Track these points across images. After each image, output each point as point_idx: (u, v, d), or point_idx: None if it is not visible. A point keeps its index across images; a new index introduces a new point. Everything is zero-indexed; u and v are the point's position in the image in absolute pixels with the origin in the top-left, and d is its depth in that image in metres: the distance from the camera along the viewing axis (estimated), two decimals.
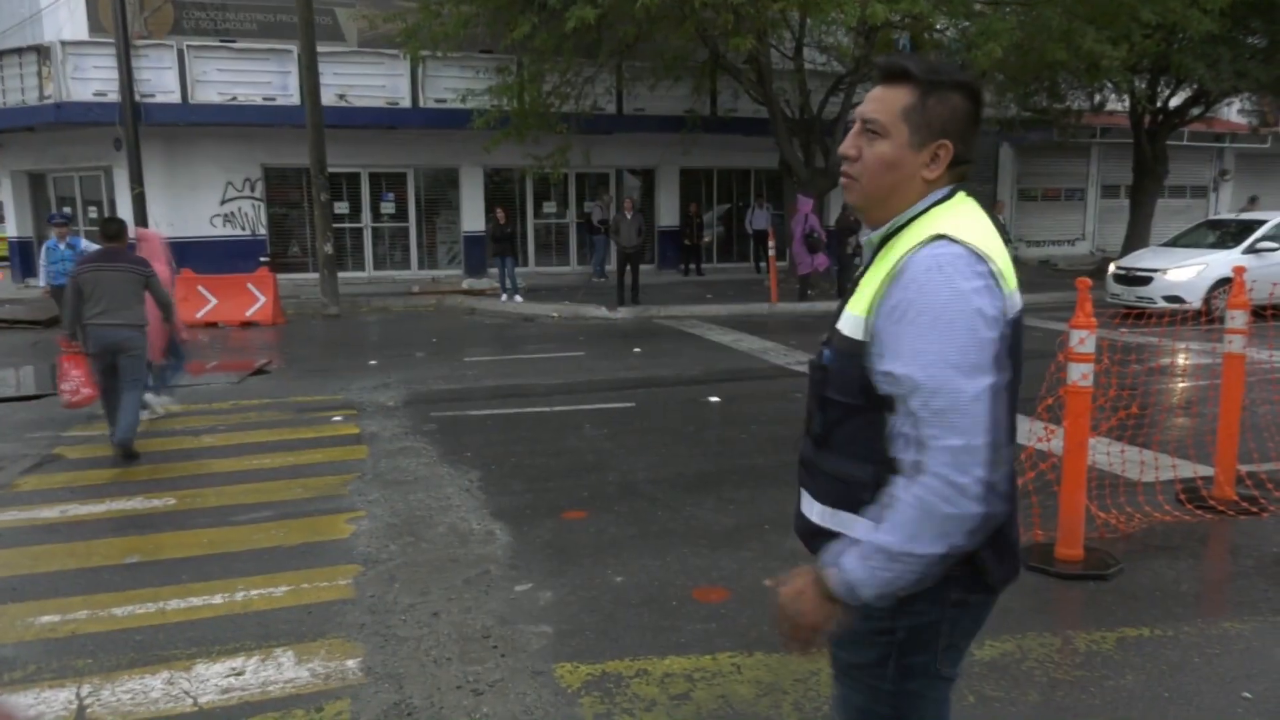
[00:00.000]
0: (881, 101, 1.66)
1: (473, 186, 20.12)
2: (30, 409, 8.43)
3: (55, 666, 3.53)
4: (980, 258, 1.54)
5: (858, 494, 1.60)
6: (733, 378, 9.40)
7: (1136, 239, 19.24)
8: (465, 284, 18.75)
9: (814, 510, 1.72)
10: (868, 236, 1.74)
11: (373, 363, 10.57)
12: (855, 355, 1.59)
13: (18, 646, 3.71)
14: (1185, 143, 23.40)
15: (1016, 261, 1.83)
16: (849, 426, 1.63)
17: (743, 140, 20.16)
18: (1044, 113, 19.83)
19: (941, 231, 1.56)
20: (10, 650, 3.67)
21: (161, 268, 7.64)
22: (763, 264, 20.09)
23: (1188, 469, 5.72)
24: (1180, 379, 9.36)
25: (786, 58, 17.43)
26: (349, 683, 3.36)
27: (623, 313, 14.73)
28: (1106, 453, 5.82)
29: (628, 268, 15.37)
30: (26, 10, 18.39)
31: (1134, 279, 13.81)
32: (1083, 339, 4.24)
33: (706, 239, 21.49)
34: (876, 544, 1.49)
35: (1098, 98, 19.98)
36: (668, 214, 21.63)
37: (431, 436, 7.04)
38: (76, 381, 6.75)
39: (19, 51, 17.26)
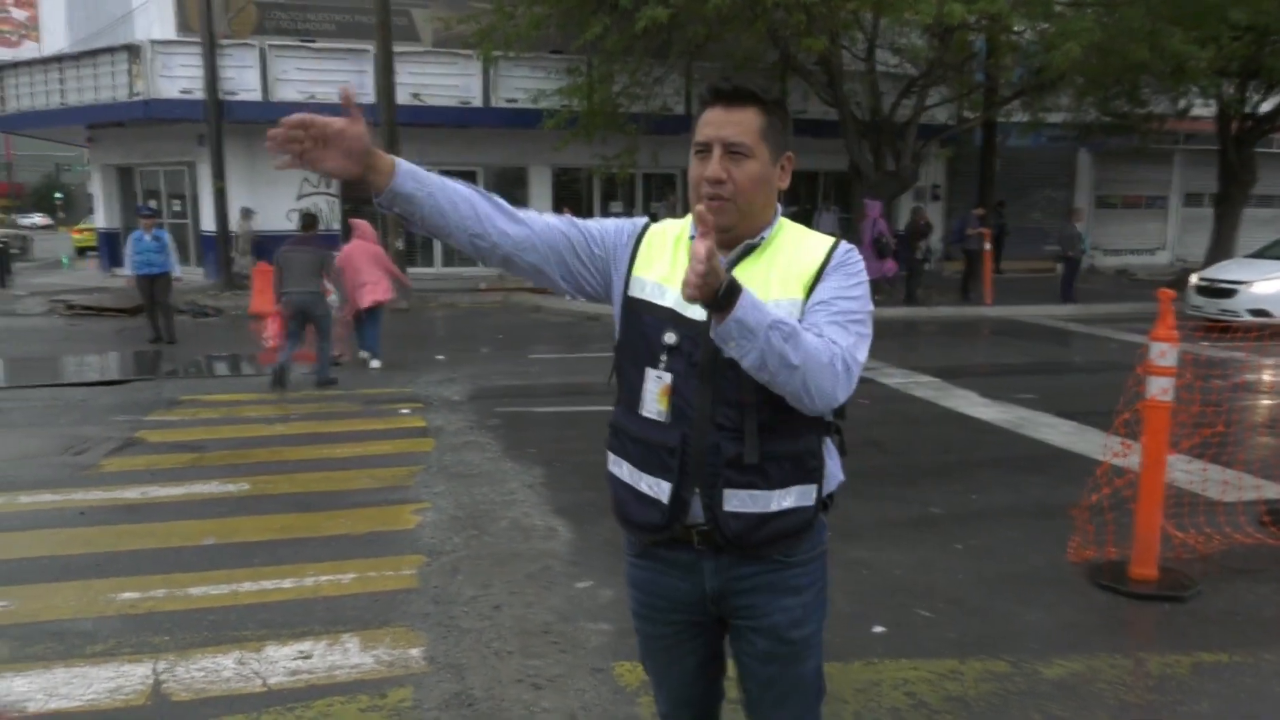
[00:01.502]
0: (740, 125, 1.77)
1: (541, 185, 20.31)
2: (115, 393, 8.75)
3: (134, 642, 3.66)
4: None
5: (808, 463, 1.78)
6: None
7: (1220, 250, 18.56)
8: (531, 282, 18.91)
9: (765, 500, 1.75)
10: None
11: (440, 357, 10.74)
12: None
13: (100, 621, 3.85)
14: (1275, 150, 22.51)
15: (1092, 270, 1.90)
16: (788, 412, 1.71)
17: (811, 142, 19.93)
18: (1124, 118, 19.25)
19: (836, 235, 1.89)
20: (93, 625, 3.82)
21: (374, 247, 10.15)
22: None
23: (1272, 490, 5.51)
24: (1265, 396, 9.01)
25: (858, 59, 17.23)
26: (412, 671, 3.43)
27: None
28: (1186, 470, 5.63)
29: None
30: (119, 11, 19.12)
31: (1217, 291, 13.32)
32: (1164, 352, 4.11)
33: None
34: (786, 322, 1.60)
35: (1182, 102, 19.31)
36: None
37: (496, 432, 7.13)
38: (272, 334, 9.39)
39: (111, 50, 17.96)
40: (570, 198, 19.78)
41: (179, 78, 17.46)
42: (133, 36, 18.14)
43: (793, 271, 1.77)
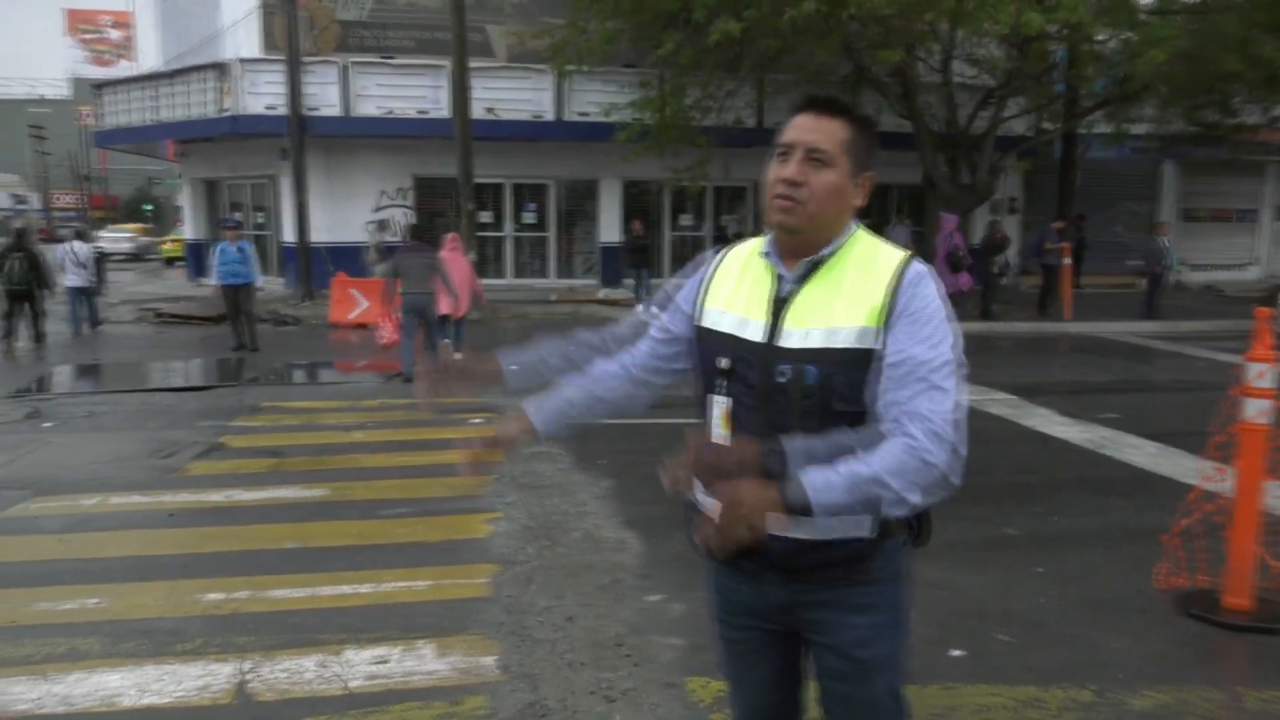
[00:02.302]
0: (826, 133, 1.78)
1: (611, 198, 20.45)
2: (200, 399, 9.06)
3: (219, 642, 3.78)
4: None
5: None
6: None
7: None
8: (601, 293, 19.06)
9: (815, 528, 1.70)
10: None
11: (512, 367, 10.83)
12: (862, 363, 1.68)
13: (187, 620, 3.99)
14: None
15: (1178, 286, 1.87)
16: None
17: (883, 155, 19.28)
18: (1213, 128, 18.58)
19: (908, 252, 1.78)
20: (181, 624, 3.95)
21: (463, 259, 11.48)
22: None
23: None
24: None
25: (934, 71, 16.99)
26: (486, 679, 3.46)
27: None
28: None
29: None
30: (209, 31, 19.88)
31: None
32: (1262, 373, 3.95)
33: None
34: (856, 470, 1.59)
35: (1276, 112, 18.58)
36: None
37: (565, 443, 7.17)
38: (387, 330, 10.47)
39: (201, 69, 18.67)
40: (640, 210, 19.87)
41: (264, 94, 18.06)
42: (221, 55, 18.84)
43: (860, 296, 1.72)
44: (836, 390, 1.70)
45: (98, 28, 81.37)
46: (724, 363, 1.81)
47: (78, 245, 14.65)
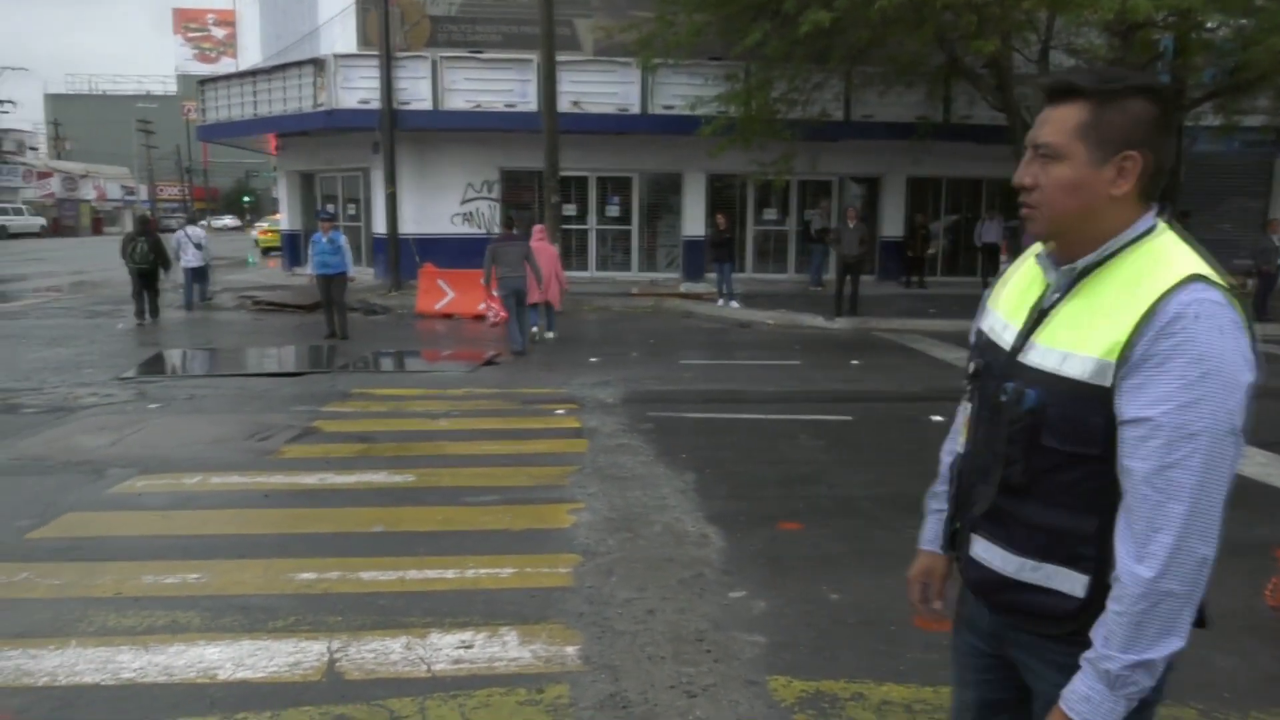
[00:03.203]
0: (1054, 123, 1.56)
1: (695, 192, 20.39)
2: (294, 384, 9.35)
3: (311, 620, 3.88)
4: (1235, 307, 1.45)
5: (1075, 547, 1.52)
6: (958, 397, 8.93)
7: None
8: (683, 287, 19.02)
9: (1007, 562, 1.61)
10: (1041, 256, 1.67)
11: (593, 360, 10.93)
12: (1091, 401, 1.47)
13: (281, 598, 4.11)
14: None
15: None
16: (1068, 475, 1.52)
17: (976, 149, 19.22)
18: None
19: (1194, 271, 1.45)
20: (275, 601, 4.07)
21: (551, 248, 12.81)
22: (992, 279, 19.03)
23: None
24: None
25: (1030, 61, 16.43)
26: (568, 669, 3.48)
27: (840, 323, 14.43)
28: None
29: (847, 278, 15.03)
30: (307, 28, 20.49)
31: None
32: None
33: (931, 251, 20.66)
34: (1127, 664, 1.42)
35: None
36: (891, 224, 20.99)
37: (648, 435, 7.18)
38: (495, 311, 12.13)
39: (299, 64, 19.24)
40: (724, 204, 19.76)
41: (358, 89, 18.52)
42: (318, 51, 19.39)
43: (1111, 320, 1.48)
44: (1049, 422, 1.52)
45: (203, 26, 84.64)
46: (973, 366, 1.72)
47: (193, 229, 16.85)
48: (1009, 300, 1.72)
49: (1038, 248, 1.73)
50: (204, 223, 18.96)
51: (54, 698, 3.25)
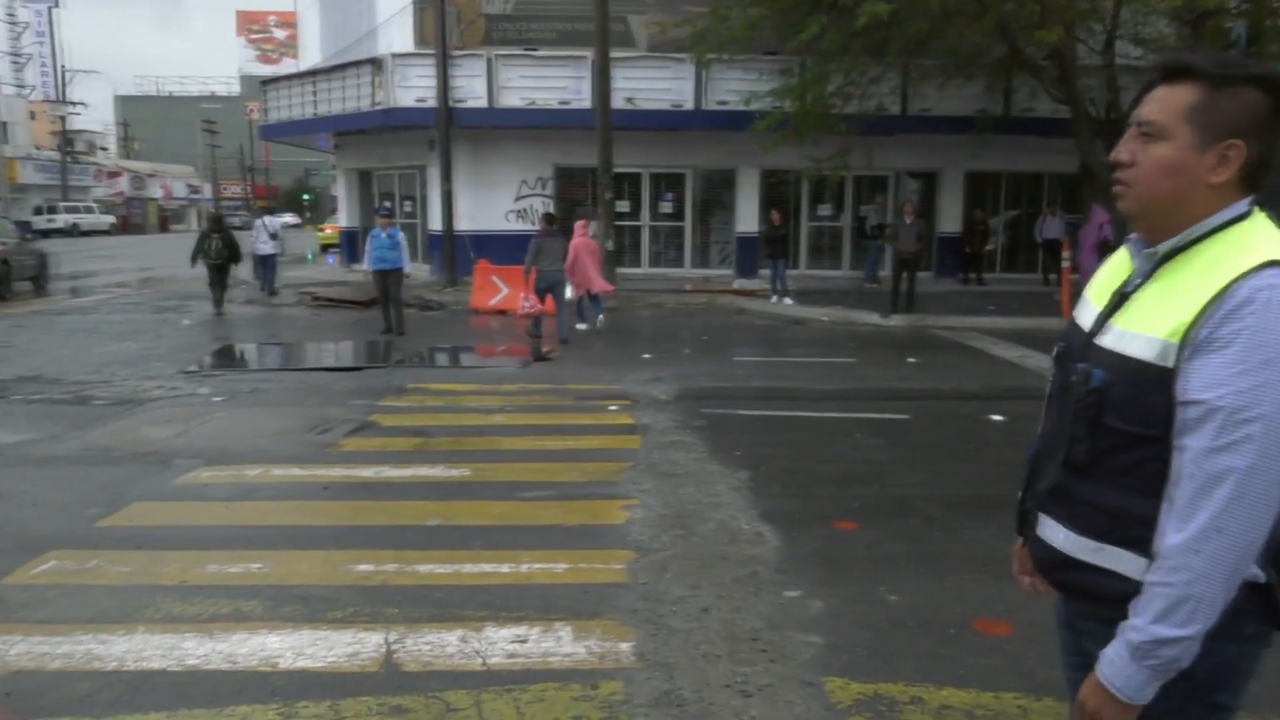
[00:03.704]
0: (1162, 102, 1.54)
1: (749, 188, 20.27)
2: (352, 379, 9.49)
3: (368, 612, 3.93)
4: None
5: (1132, 529, 1.52)
6: (1017, 396, 8.76)
7: None
8: (736, 284, 18.94)
9: (1068, 541, 1.61)
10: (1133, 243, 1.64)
11: (646, 356, 10.92)
12: (1153, 381, 1.47)
13: (340, 589, 4.17)
14: None
15: None
16: (1129, 457, 1.52)
17: (1037, 142, 18.82)
18: None
19: (1273, 257, 1.43)
20: (334, 592, 4.13)
21: (593, 243, 13.54)
22: (1053, 275, 18.64)
23: None
24: None
25: (1094, 52, 16.00)
26: (622, 665, 3.47)
27: (896, 320, 14.22)
28: None
29: (904, 274, 14.81)
30: (365, 28, 20.80)
31: None
32: None
33: (990, 247, 20.27)
34: (1151, 637, 1.44)
35: None
36: (949, 220, 20.64)
37: (701, 432, 7.15)
38: (533, 302, 12.09)
39: (358, 64, 19.55)
40: (778, 200, 19.62)
41: (414, 88, 18.75)
42: (376, 51, 19.68)
43: (1183, 302, 1.47)
44: (1113, 402, 1.52)
45: (265, 28, 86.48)
46: (1056, 349, 1.73)
47: (269, 220, 18.85)
48: (1100, 285, 1.71)
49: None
50: (288, 217, 20.68)
51: (122, 682, 3.34)
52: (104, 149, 72.58)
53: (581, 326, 13.16)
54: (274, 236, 18.40)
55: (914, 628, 3.83)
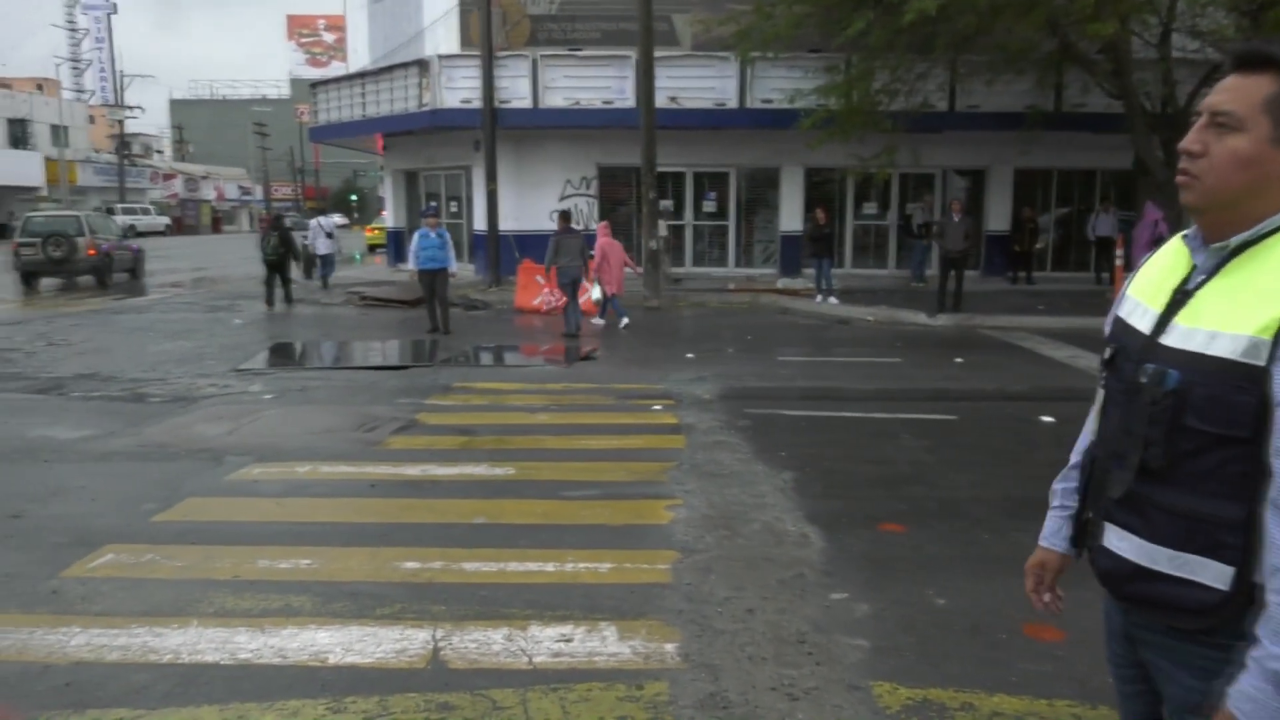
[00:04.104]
0: (1237, 91, 1.48)
1: (792, 186, 20.14)
2: (399, 378, 9.60)
3: (415, 609, 3.96)
4: None
5: (1218, 535, 1.44)
6: (1068, 397, 8.58)
7: None
8: (780, 283, 18.83)
9: (1142, 551, 1.53)
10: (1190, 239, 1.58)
11: (689, 356, 10.90)
12: (1240, 380, 1.40)
13: (387, 586, 4.21)
14: None
15: None
16: (1210, 459, 1.44)
17: (1089, 138, 18.44)
18: None
19: None
20: (381, 589, 4.18)
21: (617, 243, 14.22)
22: (1105, 274, 18.28)
23: None
24: None
25: (1149, 45, 15.64)
26: (667, 666, 3.46)
27: (943, 320, 14.03)
28: None
29: (951, 273, 14.60)
30: (412, 30, 21.02)
31: None
32: None
33: (1040, 245, 19.90)
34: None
35: None
36: (997, 217, 20.31)
37: (746, 433, 7.11)
38: (556, 296, 13.48)
39: (405, 66, 19.76)
40: (822, 199, 19.48)
41: (460, 89, 18.91)
42: (423, 53, 19.87)
43: (1268, 298, 1.42)
44: (1194, 403, 1.45)
45: (314, 31, 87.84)
46: (1107, 351, 1.67)
47: (324, 220, 20.17)
48: (1148, 284, 1.66)
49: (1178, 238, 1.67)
50: (337, 217, 21.70)
51: (177, 674, 3.41)
52: (159, 152, 74.36)
53: (624, 323, 13.47)
54: (329, 236, 19.58)
55: (963, 632, 3.77)
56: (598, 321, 13.95)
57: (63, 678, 3.38)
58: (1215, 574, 1.45)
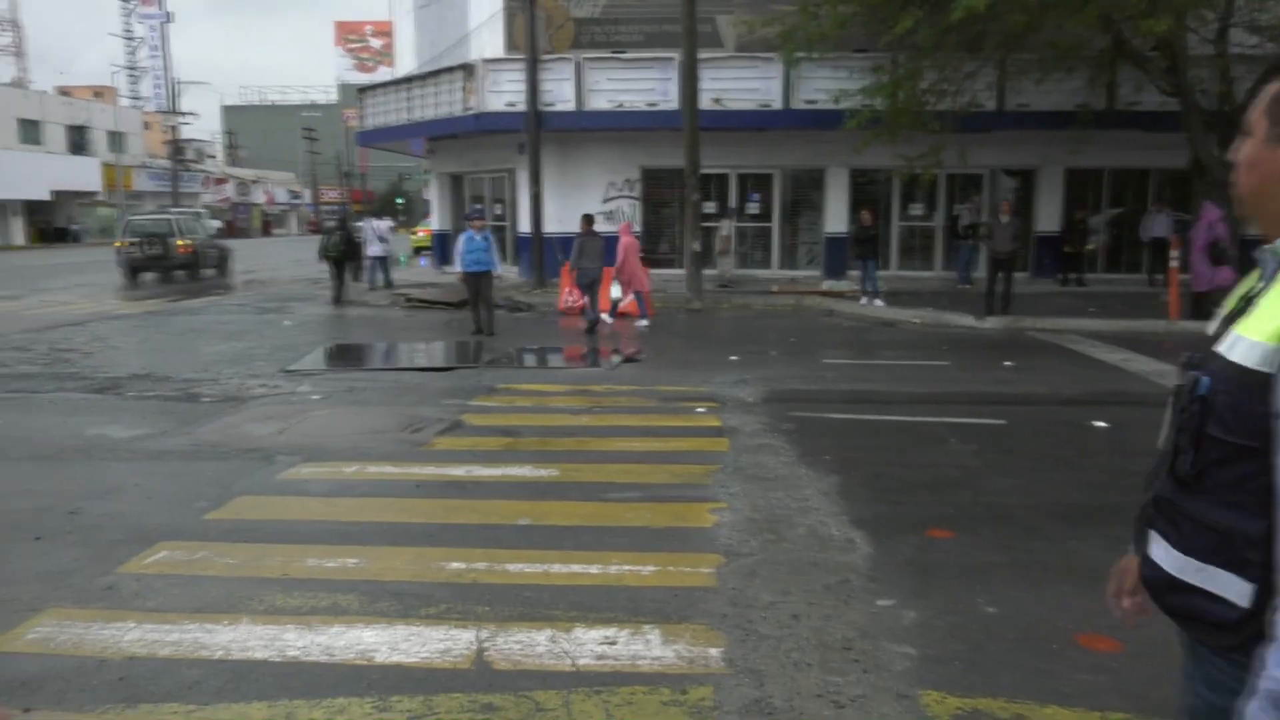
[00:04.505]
0: (1258, 98, 1.50)
1: (837, 188, 19.98)
2: (444, 379, 9.68)
3: (460, 609, 3.98)
4: None
5: (1239, 550, 1.40)
6: (1121, 401, 8.41)
7: None
8: (824, 285, 18.68)
9: (1174, 560, 1.50)
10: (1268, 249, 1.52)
11: (733, 358, 10.85)
12: (1255, 388, 1.37)
13: (432, 586, 4.24)
14: None
15: None
16: (1233, 471, 1.41)
17: (1143, 137, 18.03)
18: None
19: None
20: (426, 589, 4.20)
21: (635, 242, 14.47)
22: (1159, 276, 17.85)
23: None
24: None
25: (1206, 41, 15.25)
26: (711, 670, 3.44)
27: (991, 322, 13.81)
28: None
29: (999, 275, 14.37)
30: (457, 34, 21.22)
31: None
32: None
33: (1091, 246, 19.50)
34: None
35: None
36: (1047, 218, 19.95)
37: (790, 436, 7.06)
38: (575, 295, 14.29)
39: (450, 70, 19.95)
40: (867, 200, 19.28)
41: (505, 92, 19.05)
42: (468, 57, 20.05)
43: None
44: (1216, 411, 1.44)
45: (362, 37, 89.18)
46: (1184, 358, 1.64)
47: (377, 223, 20.75)
48: (1236, 290, 1.62)
49: None
50: (389, 220, 23.49)
51: (227, 670, 3.46)
52: (211, 156, 75.95)
53: (643, 323, 14.09)
54: (382, 239, 20.13)
55: (1013, 641, 3.70)
56: (643, 323, 14.20)
57: (117, 672, 3.45)
58: (1237, 590, 1.41)
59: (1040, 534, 4.95)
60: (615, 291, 14.32)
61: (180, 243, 23.35)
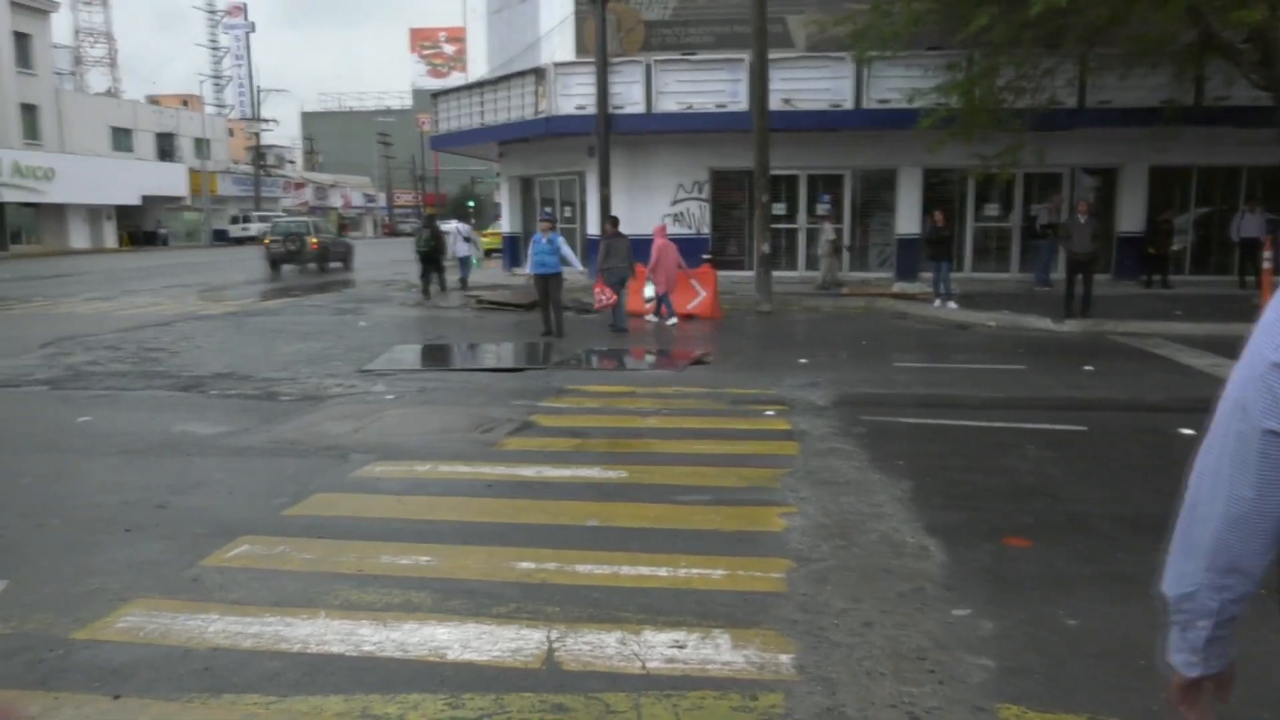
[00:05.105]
0: None
1: (910, 188, 19.65)
2: (514, 379, 9.79)
3: (530, 609, 4.01)
4: None
5: None
6: (1209, 409, 8.05)
7: None
8: (896, 287, 18.38)
9: None
10: None
11: (802, 361, 10.74)
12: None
13: (503, 585, 4.28)
14: None
15: None
16: None
17: (1233, 133, 17.35)
18: None
19: None
20: (497, 588, 4.25)
21: (670, 244, 14.65)
22: (1250, 277, 17.13)
23: None
24: None
25: None
26: (782, 677, 3.40)
27: (1070, 325, 13.42)
28: None
29: (1079, 277, 13.95)
30: (529, 39, 21.45)
31: None
32: None
33: (1177, 247, 18.81)
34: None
35: None
36: (1129, 218, 19.32)
37: (861, 440, 6.95)
38: (605, 296, 14.17)
39: (522, 74, 20.18)
40: (940, 200, 18.91)
41: (575, 95, 19.19)
42: (539, 61, 20.26)
43: None
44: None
45: (435, 43, 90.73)
46: None
47: (462, 226, 22.49)
48: None
49: None
50: (473, 222, 26.63)
51: (305, 663, 3.54)
52: (291, 162, 78.18)
53: (671, 322, 14.50)
54: (467, 240, 21.73)
55: (1096, 655, 3.58)
56: (652, 319, 14.84)
57: (201, 662, 3.56)
58: None
59: (1123, 546, 4.79)
60: (649, 290, 14.74)
61: (313, 240, 27.70)
